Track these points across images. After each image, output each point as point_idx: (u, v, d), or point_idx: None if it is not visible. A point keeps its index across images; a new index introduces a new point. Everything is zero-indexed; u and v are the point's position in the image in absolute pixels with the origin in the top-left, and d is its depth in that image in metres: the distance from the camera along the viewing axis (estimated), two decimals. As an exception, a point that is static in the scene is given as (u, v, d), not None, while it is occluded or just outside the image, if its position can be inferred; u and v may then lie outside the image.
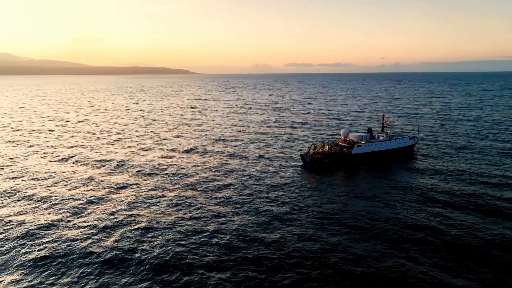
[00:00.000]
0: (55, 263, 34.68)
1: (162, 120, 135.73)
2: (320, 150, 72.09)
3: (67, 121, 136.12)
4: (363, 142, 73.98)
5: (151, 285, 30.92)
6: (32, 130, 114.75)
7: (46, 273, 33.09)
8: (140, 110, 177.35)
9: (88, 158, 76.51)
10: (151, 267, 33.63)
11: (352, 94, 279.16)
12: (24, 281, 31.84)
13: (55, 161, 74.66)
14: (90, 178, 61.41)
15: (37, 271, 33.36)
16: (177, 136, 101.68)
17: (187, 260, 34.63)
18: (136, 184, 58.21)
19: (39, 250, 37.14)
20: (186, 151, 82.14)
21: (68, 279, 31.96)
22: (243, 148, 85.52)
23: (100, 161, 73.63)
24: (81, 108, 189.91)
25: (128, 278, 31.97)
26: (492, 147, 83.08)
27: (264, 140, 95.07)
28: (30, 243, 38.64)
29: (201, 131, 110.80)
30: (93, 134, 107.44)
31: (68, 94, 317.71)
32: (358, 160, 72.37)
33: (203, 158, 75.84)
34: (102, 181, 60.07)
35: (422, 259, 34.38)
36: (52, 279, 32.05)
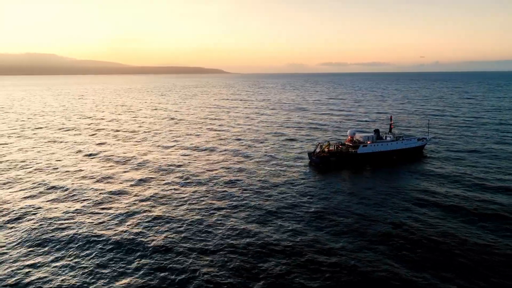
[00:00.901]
0: (72, 242, 40.68)
1: (187, 120, 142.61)
2: (326, 149, 75.23)
3: (100, 119, 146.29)
4: (369, 142, 76.15)
5: (150, 261, 35.98)
6: (68, 128, 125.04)
7: (64, 250, 39.08)
8: (168, 110, 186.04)
9: (113, 155, 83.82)
10: (152, 249, 38.76)
11: (380, 95, 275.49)
12: (47, 255, 37.96)
13: (84, 156, 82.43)
14: (113, 173, 68.13)
15: (59, 249, 39.45)
16: (198, 135, 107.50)
17: (184, 245, 39.49)
18: (153, 179, 64.07)
19: (62, 231, 43.38)
20: (204, 150, 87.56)
21: (80, 254, 37.73)
22: (257, 147, 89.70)
23: (124, 157, 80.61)
24: (114, 107, 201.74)
25: (133, 256, 37.25)
26: (506, 151, 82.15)
27: (279, 140, 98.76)
28: (56, 225, 45.03)
29: (222, 130, 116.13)
30: (122, 132, 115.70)
31: (104, 93, 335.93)
32: (364, 160, 74.68)
33: (218, 156, 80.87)
34: (123, 175, 66.58)
35: (393, 255, 37.21)
36: (68, 254, 37.97)
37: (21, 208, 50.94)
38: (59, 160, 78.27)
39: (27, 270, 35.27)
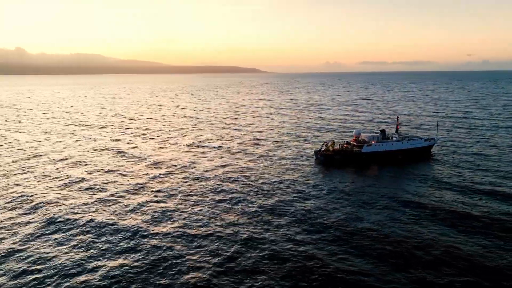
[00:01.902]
0: (87, 226, 47.69)
1: (210, 120, 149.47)
2: (331, 148, 78.88)
3: (131, 118, 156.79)
4: (373, 142, 78.70)
5: (149, 242, 42.03)
6: (101, 126, 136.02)
7: (84, 235, 46.13)
8: (195, 109, 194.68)
9: (138, 152, 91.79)
10: (154, 233, 44.85)
11: (412, 95, 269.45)
12: (60, 235, 45.11)
13: (111, 152, 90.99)
14: (134, 168, 75.44)
15: (73, 230, 46.57)
16: (218, 135, 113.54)
17: (181, 230, 45.26)
18: (169, 174, 70.44)
19: (80, 215, 50.66)
20: (218, 148, 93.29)
21: (94, 240, 44.53)
22: (270, 147, 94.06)
23: (146, 155, 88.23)
24: (146, 106, 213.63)
25: (146, 241, 43.50)
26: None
27: (294, 139, 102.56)
28: (75, 210, 52.45)
29: (240, 130, 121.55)
30: (148, 130, 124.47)
31: (141, 92, 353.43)
32: (368, 159, 77.47)
33: (231, 155, 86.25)
34: (141, 171, 73.69)
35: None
36: (79, 233, 44.94)
37: (47, 196, 59.13)
38: (87, 154, 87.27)
39: (43, 246, 42.51)
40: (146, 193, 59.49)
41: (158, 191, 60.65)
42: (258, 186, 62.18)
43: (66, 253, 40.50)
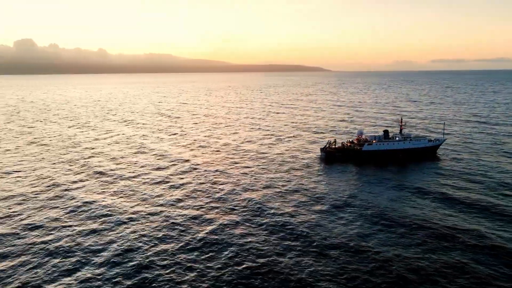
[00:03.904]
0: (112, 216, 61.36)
1: (242, 122, 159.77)
2: (333, 146, 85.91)
3: (176, 117, 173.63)
4: (374, 141, 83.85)
5: (153, 219, 54.21)
6: (147, 124, 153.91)
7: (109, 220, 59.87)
8: (235, 109, 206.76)
9: (163, 150, 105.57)
10: (158, 215, 57.03)
11: (466, 97, 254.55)
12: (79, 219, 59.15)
13: (143, 150, 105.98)
14: (159, 166, 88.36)
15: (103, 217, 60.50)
16: (242, 136, 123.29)
17: (179, 212, 56.91)
18: (191, 171, 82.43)
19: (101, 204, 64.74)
20: (235, 148, 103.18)
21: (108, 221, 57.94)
22: (282, 146, 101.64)
23: (168, 152, 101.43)
24: (194, 106, 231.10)
25: (160, 227, 56.00)
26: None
27: (309, 140, 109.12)
28: (100, 199, 66.81)
29: (268, 130, 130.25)
30: (185, 129, 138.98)
31: (197, 91, 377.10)
32: (368, 157, 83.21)
33: (243, 154, 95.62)
34: (163, 166, 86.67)
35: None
36: (103, 222, 58.56)
37: (78, 182, 74.61)
38: (119, 151, 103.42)
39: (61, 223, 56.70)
40: (161, 184, 71.02)
41: (169, 180, 72.85)
42: (255, 182, 70.39)
43: (82, 224, 54.26)
